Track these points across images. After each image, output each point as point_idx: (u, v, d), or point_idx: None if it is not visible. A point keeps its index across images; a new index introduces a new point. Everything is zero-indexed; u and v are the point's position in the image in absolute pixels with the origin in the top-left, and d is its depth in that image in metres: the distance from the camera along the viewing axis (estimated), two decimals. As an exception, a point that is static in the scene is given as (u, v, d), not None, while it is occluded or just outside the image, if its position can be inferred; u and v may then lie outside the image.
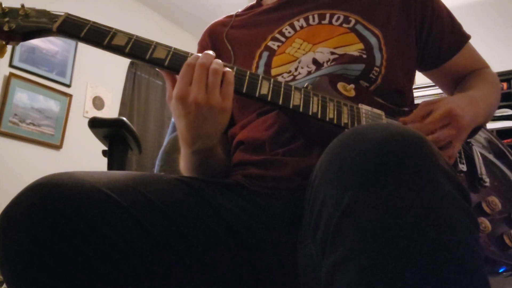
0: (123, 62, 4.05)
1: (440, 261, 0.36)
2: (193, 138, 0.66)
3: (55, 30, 0.64)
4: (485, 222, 0.64)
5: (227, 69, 0.64)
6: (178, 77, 0.63)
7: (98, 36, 0.64)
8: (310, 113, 0.66)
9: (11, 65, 3.20)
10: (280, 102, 0.65)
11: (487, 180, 0.71)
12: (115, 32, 0.65)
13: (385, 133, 0.42)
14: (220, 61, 0.64)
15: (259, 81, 0.66)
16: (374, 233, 0.38)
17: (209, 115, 0.62)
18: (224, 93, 0.62)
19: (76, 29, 0.64)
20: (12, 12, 0.66)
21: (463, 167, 0.70)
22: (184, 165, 0.75)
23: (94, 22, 0.65)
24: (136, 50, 0.64)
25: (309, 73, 0.78)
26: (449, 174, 0.42)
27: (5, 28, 0.64)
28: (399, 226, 0.38)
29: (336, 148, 0.46)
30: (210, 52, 0.65)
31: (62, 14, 0.66)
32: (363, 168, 0.41)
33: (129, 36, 0.65)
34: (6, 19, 0.64)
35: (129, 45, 0.64)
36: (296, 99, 0.66)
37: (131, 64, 4.13)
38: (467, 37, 0.90)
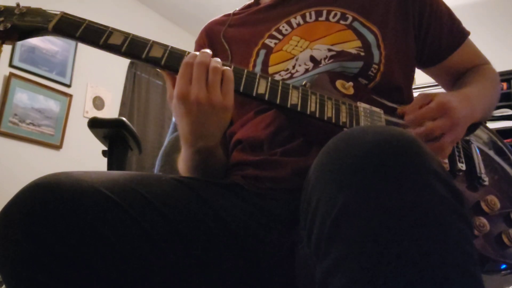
0: (123, 62, 4.04)
1: (432, 264, 0.36)
2: (195, 137, 0.66)
3: (51, 30, 0.64)
4: (483, 222, 0.64)
5: (226, 67, 0.64)
6: (177, 76, 0.63)
7: (94, 35, 0.64)
8: (308, 112, 0.65)
9: (11, 65, 3.20)
10: (278, 101, 0.65)
11: (486, 179, 0.71)
12: (111, 31, 0.65)
13: (378, 136, 0.42)
14: (218, 59, 0.64)
15: (257, 80, 0.65)
16: (366, 236, 0.38)
17: (211, 114, 0.63)
18: (224, 91, 0.63)
19: (71, 28, 0.64)
20: (7, 11, 0.65)
21: (462, 166, 0.70)
22: (183, 165, 0.74)
23: (90, 21, 0.65)
24: (132, 49, 0.64)
25: (306, 70, 0.78)
26: (442, 176, 0.42)
27: (1, 27, 0.64)
28: (391, 229, 0.38)
29: (330, 151, 0.46)
30: (207, 50, 0.65)
31: (58, 13, 0.66)
32: (356, 171, 0.41)
33: (125, 35, 0.65)
34: (1, 18, 0.64)
35: (125, 44, 0.64)
36: (294, 98, 0.65)
37: (131, 64, 4.13)
38: (467, 33, 0.89)
